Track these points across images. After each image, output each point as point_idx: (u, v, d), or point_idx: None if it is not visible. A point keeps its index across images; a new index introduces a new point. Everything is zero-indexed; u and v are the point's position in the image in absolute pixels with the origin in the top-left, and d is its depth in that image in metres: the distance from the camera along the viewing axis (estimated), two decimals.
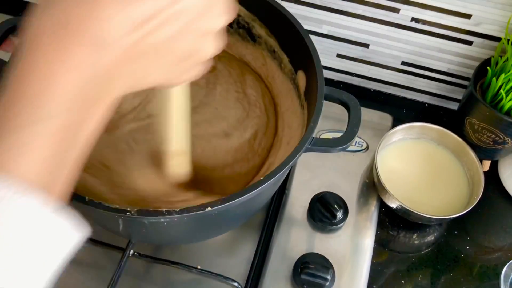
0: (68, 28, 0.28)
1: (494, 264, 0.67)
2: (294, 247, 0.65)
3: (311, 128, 0.51)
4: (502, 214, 0.72)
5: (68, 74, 0.28)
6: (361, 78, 0.82)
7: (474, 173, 0.68)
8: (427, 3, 0.67)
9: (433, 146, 0.72)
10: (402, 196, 0.65)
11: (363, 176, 0.72)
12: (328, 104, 0.54)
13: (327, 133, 0.75)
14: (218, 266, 0.63)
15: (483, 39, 0.70)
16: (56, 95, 0.28)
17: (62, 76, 0.28)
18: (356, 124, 0.54)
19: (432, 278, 0.65)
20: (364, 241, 0.66)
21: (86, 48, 0.28)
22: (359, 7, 0.71)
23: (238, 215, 0.56)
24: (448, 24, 0.69)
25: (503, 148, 0.69)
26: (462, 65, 0.75)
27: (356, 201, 0.69)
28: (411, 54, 0.75)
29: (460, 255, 0.68)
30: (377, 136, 0.73)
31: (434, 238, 0.69)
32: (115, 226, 0.54)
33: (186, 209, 0.44)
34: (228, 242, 0.65)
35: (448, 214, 0.65)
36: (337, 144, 0.53)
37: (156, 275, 0.63)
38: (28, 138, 0.27)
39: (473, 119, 0.68)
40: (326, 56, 0.80)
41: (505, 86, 0.64)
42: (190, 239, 0.61)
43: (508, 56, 0.64)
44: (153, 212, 0.44)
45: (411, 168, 0.71)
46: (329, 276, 0.61)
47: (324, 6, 0.72)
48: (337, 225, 0.66)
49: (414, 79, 0.79)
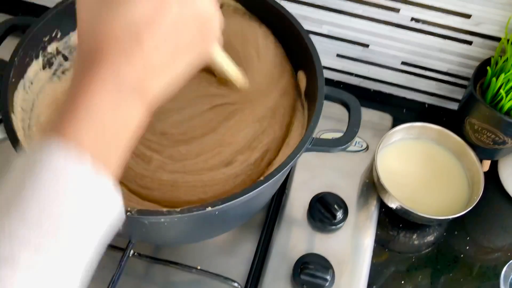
0: None
1: (494, 264, 0.67)
2: (294, 247, 0.65)
3: (311, 128, 0.51)
4: (502, 214, 0.72)
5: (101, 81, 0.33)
6: (361, 78, 0.82)
7: (474, 173, 0.69)
8: (427, 3, 0.67)
9: (433, 146, 0.73)
10: (402, 196, 0.65)
11: (363, 176, 0.72)
12: (328, 104, 0.54)
13: (327, 133, 0.75)
14: (218, 266, 0.63)
15: (483, 39, 0.70)
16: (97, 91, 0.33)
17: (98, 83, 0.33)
18: (356, 124, 0.54)
19: (432, 278, 0.65)
20: (364, 241, 0.66)
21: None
22: (359, 7, 0.71)
23: (238, 215, 0.56)
24: (448, 24, 0.69)
25: (503, 148, 0.69)
26: (462, 65, 0.75)
27: (356, 201, 0.69)
28: (411, 54, 0.75)
29: (460, 255, 0.68)
30: (377, 136, 0.73)
31: (434, 238, 0.69)
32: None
33: (187, 209, 0.44)
34: (228, 242, 0.65)
35: (448, 214, 0.65)
36: (337, 144, 0.53)
37: (156, 275, 0.63)
38: (87, 114, 0.32)
39: (473, 119, 0.68)
40: (326, 56, 0.80)
41: (505, 86, 0.64)
42: (190, 239, 0.61)
43: (508, 56, 0.64)
44: (153, 212, 0.44)
45: (411, 168, 0.71)
46: (329, 276, 0.61)
47: (324, 6, 0.72)
48: (337, 225, 0.66)
49: (414, 79, 0.80)
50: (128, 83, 0.34)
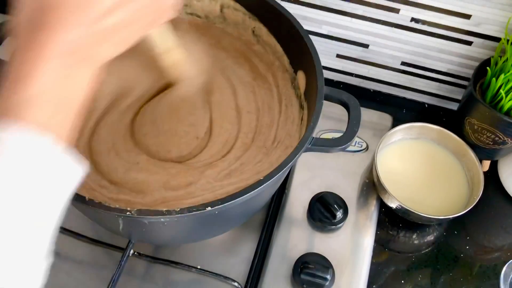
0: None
1: (494, 264, 0.67)
2: (294, 247, 0.65)
3: (311, 128, 0.51)
4: (501, 214, 0.72)
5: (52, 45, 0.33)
6: (361, 78, 0.82)
7: (474, 173, 0.69)
8: (427, 3, 0.67)
9: (433, 146, 0.73)
10: (402, 196, 0.65)
11: (363, 176, 0.72)
12: (328, 104, 0.54)
13: (327, 133, 0.75)
14: (218, 266, 0.63)
15: (483, 39, 0.70)
16: (46, 57, 0.33)
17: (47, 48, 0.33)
18: (356, 124, 0.54)
19: (432, 278, 0.65)
20: (364, 241, 0.66)
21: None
22: (359, 7, 0.71)
23: (238, 215, 0.56)
24: (448, 24, 0.69)
25: (503, 148, 0.69)
26: (462, 65, 0.75)
27: (356, 201, 0.69)
28: (411, 54, 0.75)
29: (460, 255, 0.68)
30: (377, 136, 0.73)
31: (434, 238, 0.69)
32: (115, 226, 0.54)
33: (186, 209, 0.44)
34: (228, 242, 0.65)
35: (448, 214, 0.65)
36: (337, 144, 0.53)
37: (156, 275, 0.63)
38: (33, 90, 0.32)
39: (473, 119, 0.68)
40: (326, 56, 0.80)
41: (504, 86, 0.64)
42: (190, 239, 0.61)
43: (508, 56, 0.64)
44: (153, 212, 0.44)
45: (411, 168, 0.71)
46: (329, 276, 0.61)
47: (324, 6, 0.72)
48: (337, 225, 0.66)
49: (414, 79, 0.80)
50: (78, 49, 0.34)
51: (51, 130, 0.33)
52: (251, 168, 0.56)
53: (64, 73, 0.34)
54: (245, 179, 0.55)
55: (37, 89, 0.32)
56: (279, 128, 0.61)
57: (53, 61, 0.33)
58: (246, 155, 0.58)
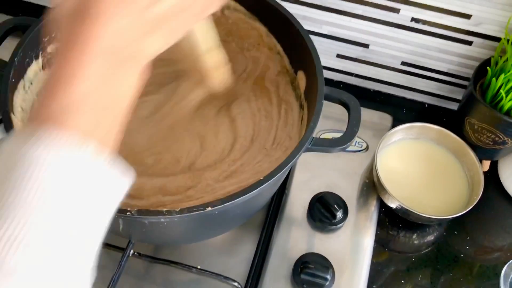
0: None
1: (494, 264, 0.67)
2: (294, 247, 0.65)
3: (311, 128, 0.51)
4: (501, 214, 0.72)
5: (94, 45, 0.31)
6: (361, 78, 0.82)
7: (474, 173, 0.69)
8: (427, 3, 0.67)
9: (433, 146, 0.73)
10: (402, 196, 0.65)
11: (363, 176, 0.72)
12: (328, 104, 0.54)
13: (327, 133, 0.75)
14: (218, 266, 0.63)
15: (483, 39, 0.70)
16: (89, 60, 0.31)
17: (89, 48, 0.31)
18: (356, 124, 0.54)
19: (432, 278, 0.65)
20: (364, 241, 0.66)
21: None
22: (359, 7, 0.71)
23: (238, 215, 0.56)
24: (448, 24, 0.69)
25: (503, 148, 0.69)
26: (462, 65, 0.75)
27: (356, 201, 0.69)
28: (411, 54, 0.75)
29: (460, 255, 0.68)
30: (377, 136, 0.73)
31: (434, 238, 0.69)
32: (115, 226, 0.54)
33: (186, 209, 0.44)
34: (228, 242, 0.65)
35: (448, 214, 0.65)
36: (337, 144, 0.53)
37: (156, 275, 0.63)
38: (75, 95, 0.30)
39: (473, 119, 0.68)
40: (326, 56, 0.80)
41: (505, 86, 0.64)
42: (190, 239, 0.61)
43: (508, 56, 0.64)
44: (153, 212, 0.44)
45: (411, 168, 0.71)
46: (329, 276, 0.61)
47: (324, 6, 0.72)
48: (337, 225, 0.66)
49: (414, 79, 0.80)
50: (124, 43, 0.32)
51: (96, 138, 0.31)
52: (251, 168, 0.56)
53: (109, 74, 0.31)
54: (245, 179, 0.55)
55: (80, 94, 0.30)
56: (278, 130, 0.61)
57: (97, 60, 0.31)
58: (246, 156, 0.58)
